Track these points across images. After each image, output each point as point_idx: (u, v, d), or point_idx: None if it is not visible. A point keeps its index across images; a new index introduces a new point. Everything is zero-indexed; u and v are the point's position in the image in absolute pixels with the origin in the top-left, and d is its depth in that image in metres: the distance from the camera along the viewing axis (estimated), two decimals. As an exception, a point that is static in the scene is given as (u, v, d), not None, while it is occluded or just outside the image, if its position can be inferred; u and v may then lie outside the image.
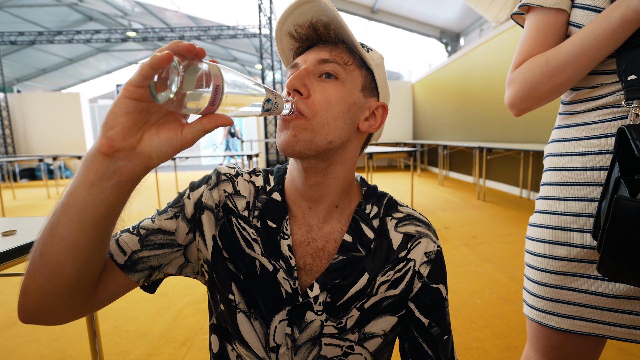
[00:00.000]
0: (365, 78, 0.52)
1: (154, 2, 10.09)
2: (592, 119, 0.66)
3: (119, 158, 0.34)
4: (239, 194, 0.56)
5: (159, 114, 0.36)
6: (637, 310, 0.64)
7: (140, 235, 0.50)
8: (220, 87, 0.32)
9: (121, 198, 0.36)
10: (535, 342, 0.75)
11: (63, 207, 0.35)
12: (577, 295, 0.68)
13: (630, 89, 0.60)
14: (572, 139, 0.69)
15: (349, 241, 0.53)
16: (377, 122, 0.54)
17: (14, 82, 13.37)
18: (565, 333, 0.70)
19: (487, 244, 2.97)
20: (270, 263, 0.52)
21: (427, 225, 0.57)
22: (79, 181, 0.35)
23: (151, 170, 0.36)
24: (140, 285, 0.51)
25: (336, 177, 0.52)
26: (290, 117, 0.47)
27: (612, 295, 0.65)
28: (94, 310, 0.46)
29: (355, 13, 9.16)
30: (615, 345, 1.54)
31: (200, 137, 0.36)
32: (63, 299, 0.39)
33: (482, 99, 6.32)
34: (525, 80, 0.68)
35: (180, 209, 0.53)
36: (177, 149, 0.36)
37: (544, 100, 0.68)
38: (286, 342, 0.51)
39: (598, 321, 0.67)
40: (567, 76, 0.63)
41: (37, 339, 1.69)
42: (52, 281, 0.37)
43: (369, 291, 0.53)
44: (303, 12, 0.49)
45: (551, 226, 0.70)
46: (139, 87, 0.32)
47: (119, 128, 0.33)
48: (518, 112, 0.72)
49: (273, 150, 9.67)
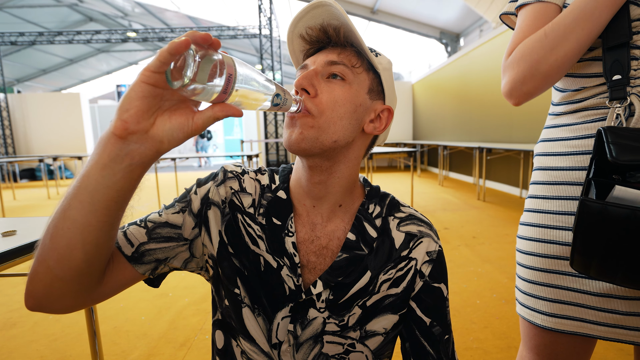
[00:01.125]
0: (372, 81, 0.53)
1: (154, 3, 10.10)
2: (576, 120, 0.67)
3: (131, 141, 0.35)
4: (245, 191, 0.57)
5: (171, 101, 0.37)
6: (620, 310, 0.64)
7: (147, 227, 0.51)
8: (233, 76, 0.34)
9: (132, 182, 0.37)
10: (528, 340, 0.75)
11: (75, 190, 0.36)
12: (563, 293, 0.68)
13: (614, 89, 0.60)
14: (557, 139, 0.70)
15: (352, 239, 0.54)
16: (382, 125, 0.55)
17: (14, 82, 13.39)
18: (553, 332, 0.70)
19: (487, 244, 2.97)
20: (274, 260, 0.53)
21: (428, 225, 0.58)
22: (92, 164, 0.36)
23: (161, 155, 0.38)
24: (146, 278, 0.52)
25: (340, 176, 0.54)
26: (298, 115, 0.48)
27: (597, 293, 0.65)
28: (99, 301, 0.47)
29: (355, 13, 9.17)
30: (615, 346, 1.54)
31: (210, 124, 0.37)
32: (70, 285, 0.40)
33: (482, 100, 6.33)
34: (524, 59, 0.63)
35: (187, 203, 0.54)
36: (187, 134, 0.37)
37: (547, 80, 0.63)
38: (288, 339, 0.52)
39: (583, 320, 0.67)
40: (570, 45, 0.59)
41: (37, 340, 1.69)
42: (61, 265, 0.38)
43: (371, 289, 0.54)
44: (315, 15, 0.51)
45: (539, 224, 0.71)
46: (155, 73, 0.33)
47: (134, 111, 0.34)
48: (518, 97, 0.66)
49: (273, 150, 9.67)
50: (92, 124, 10.71)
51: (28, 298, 0.41)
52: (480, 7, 6.60)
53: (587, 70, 0.65)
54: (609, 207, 0.51)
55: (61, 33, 9.88)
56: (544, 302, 0.70)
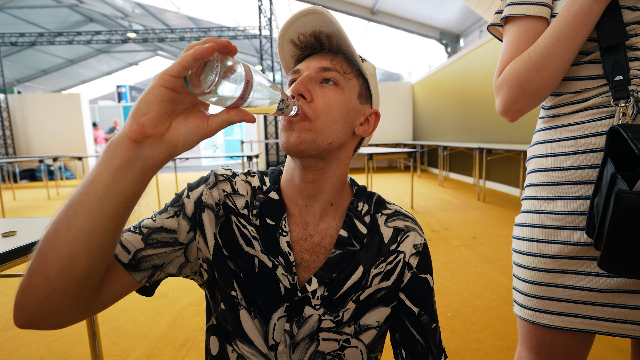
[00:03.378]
0: (361, 86, 0.56)
1: (154, 4, 10.11)
2: (579, 119, 0.68)
3: (146, 145, 0.35)
4: (237, 193, 0.57)
5: (183, 105, 0.38)
6: (628, 304, 0.65)
7: (143, 234, 0.50)
8: (251, 82, 0.36)
9: (142, 186, 0.37)
10: (527, 341, 0.76)
11: (82, 197, 0.35)
12: (569, 292, 0.68)
13: (617, 89, 0.62)
14: (557, 139, 0.70)
15: (344, 236, 0.56)
16: (370, 127, 0.58)
17: (14, 83, 13.40)
18: (557, 330, 0.71)
19: (487, 244, 2.97)
20: (269, 260, 0.54)
21: (413, 220, 0.62)
22: (102, 168, 0.35)
23: (173, 158, 0.38)
24: (142, 286, 0.52)
25: (332, 176, 0.56)
26: (296, 119, 0.50)
27: (604, 290, 0.66)
28: (95, 312, 0.45)
29: (355, 14, 9.18)
30: (616, 347, 1.54)
31: (224, 127, 0.38)
32: (69, 297, 0.38)
33: (482, 100, 6.33)
34: (512, 80, 0.67)
35: (181, 207, 0.54)
36: (202, 137, 0.38)
37: (536, 97, 0.67)
38: (285, 339, 0.53)
39: (590, 317, 0.68)
40: (554, 65, 0.64)
41: (36, 340, 1.69)
42: (62, 277, 0.36)
43: (364, 283, 0.56)
44: (306, 22, 0.52)
45: (541, 225, 0.71)
46: (175, 77, 0.34)
47: (152, 115, 0.34)
48: (513, 115, 0.71)
49: (273, 151, 9.67)
50: (92, 125, 10.69)
51: (19, 315, 0.38)
52: (480, 8, 6.61)
53: (587, 72, 0.67)
54: None
55: (61, 34, 9.88)
56: (550, 302, 0.70)
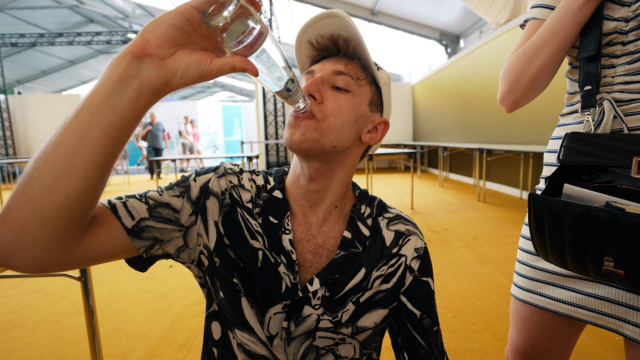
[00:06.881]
0: (373, 94, 0.56)
1: (155, 4, 10.12)
2: (569, 121, 0.74)
3: (146, 64, 0.35)
4: (243, 187, 0.58)
5: (195, 44, 0.38)
6: (582, 290, 0.70)
7: (149, 204, 0.50)
8: (264, 35, 0.36)
9: (135, 110, 0.36)
10: (511, 314, 0.84)
11: (75, 112, 0.35)
12: (540, 273, 0.75)
13: (585, 99, 0.67)
14: (553, 137, 0.77)
15: (348, 238, 0.57)
16: (377, 136, 0.58)
17: (14, 83, 13.41)
18: (531, 307, 0.78)
19: (488, 245, 2.96)
20: (272, 256, 0.54)
21: (413, 224, 0.62)
22: (100, 83, 0.35)
23: (170, 91, 0.38)
24: (138, 255, 0.50)
25: (337, 180, 0.56)
26: (302, 116, 0.50)
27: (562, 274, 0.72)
28: (76, 265, 0.43)
29: (355, 15, 9.19)
30: (616, 347, 1.54)
31: (225, 72, 0.38)
32: (46, 228, 0.36)
33: (482, 101, 6.33)
34: (508, 73, 0.73)
35: (186, 189, 0.54)
36: (201, 73, 0.37)
37: (529, 90, 0.72)
38: (281, 334, 0.53)
39: (550, 297, 0.74)
40: (542, 60, 0.68)
41: (36, 341, 1.69)
42: (41, 198, 0.35)
43: (365, 285, 0.56)
44: (326, 24, 0.53)
45: None
46: (195, 9, 0.35)
47: (159, 34, 0.35)
48: (509, 105, 0.76)
49: (273, 152, 9.67)
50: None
51: None
52: (480, 9, 6.61)
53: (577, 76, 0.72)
54: (549, 202, 0.57)
55: (62, 34, 9.89)
56: (526, 280, 0.79)
